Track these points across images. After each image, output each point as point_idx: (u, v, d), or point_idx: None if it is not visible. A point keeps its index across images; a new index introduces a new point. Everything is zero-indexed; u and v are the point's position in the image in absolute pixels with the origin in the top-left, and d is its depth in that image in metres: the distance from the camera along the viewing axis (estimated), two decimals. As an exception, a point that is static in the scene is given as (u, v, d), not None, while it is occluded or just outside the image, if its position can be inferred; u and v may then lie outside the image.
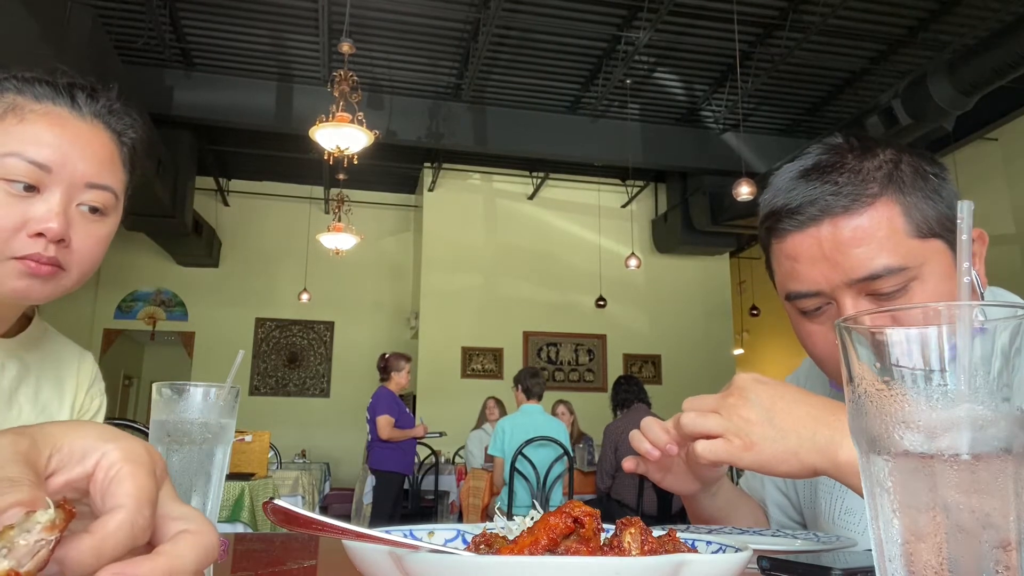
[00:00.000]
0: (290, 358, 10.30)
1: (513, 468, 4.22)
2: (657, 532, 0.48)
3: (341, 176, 8.79)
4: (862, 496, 0.69)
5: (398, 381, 5.42)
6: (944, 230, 0.80)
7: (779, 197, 0.84)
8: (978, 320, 0.30)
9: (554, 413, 6.16)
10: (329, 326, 10.45)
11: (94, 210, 0.84)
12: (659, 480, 0.85)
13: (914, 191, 0.80)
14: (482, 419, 6.45)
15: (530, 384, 4.70)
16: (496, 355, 9.58)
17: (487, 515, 4.73)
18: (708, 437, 0.72)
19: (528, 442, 4.20)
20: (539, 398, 4.70)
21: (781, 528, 1.03)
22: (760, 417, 0.70)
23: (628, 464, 0.83)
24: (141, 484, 0.32)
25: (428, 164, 9.70)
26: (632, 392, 5.03)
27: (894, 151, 0.83)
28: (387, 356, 5.55)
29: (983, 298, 0.87)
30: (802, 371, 1.09)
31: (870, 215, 0.79)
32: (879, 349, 0.32)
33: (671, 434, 0.77)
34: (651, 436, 0.78)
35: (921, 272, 0.78)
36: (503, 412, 6.16)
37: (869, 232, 0.78)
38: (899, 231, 0.78)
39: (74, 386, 1.02)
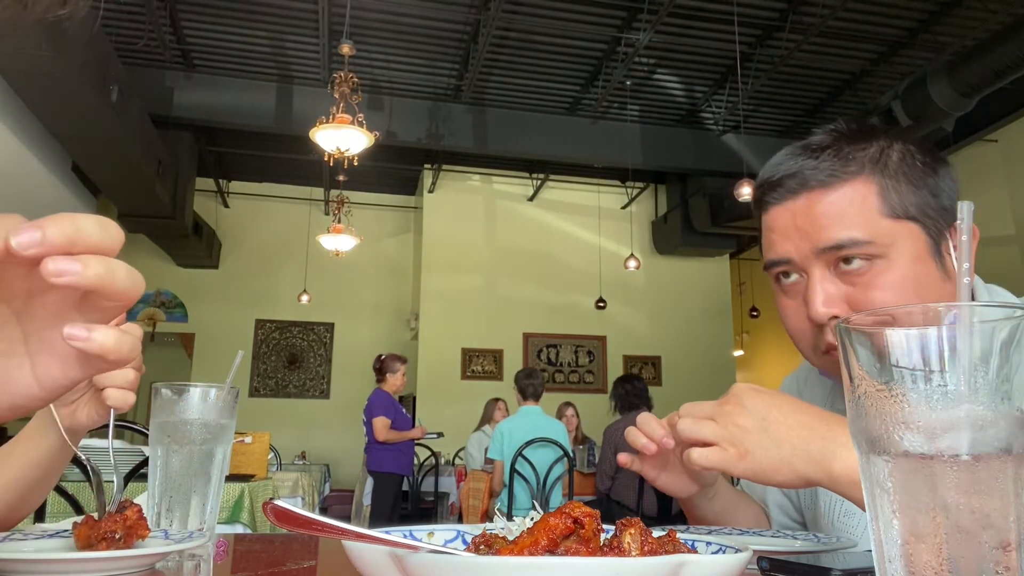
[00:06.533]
0: (290, 359, 10.29)
1: (513, 469, 4.21)
2: (657, 533, 0.48)
3: (341, 177, 8.79)
4: (857, 506, 0.69)
5: (393, 383, 5.41)
6: (923, 215, 0.81)
7: (767, 171, 0.88)
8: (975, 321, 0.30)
9: (561, 415, 6.14)
10: (329, 327, 10.44)
11: None
12: (653, 479, 0.84)
13: (897, 175, 0.82)
14: (483, 420, 6.44)
15: (525, 385, 4.67)
16: (496, 356, 9.57)
17: (487, 517, 4.72)
18: (704, 444, 0.72)
19: (528, 443, 4.19)
20: (536, 399, 4.66)
21: (781, 529, 1.03)
22: (755, 426, 0.70)
23: (623, 459, 0.84)
24: None
25: (428, 165, 9.70)
26: (636, 395, 4.94)
27: (889, 139, 0.86)
28: (383, 357, 5.55)
29: (976, 298, 0.87)
30: (801, 372, 1.09)
31: (844, 192, 0.82)
32: (879, 350, 0.32)
33: (667, 429, 0.77)
34: (647, 431, 0.79)
35: (889, 251, 0.80)
36: (507, 414, 6.15)
37: (840, 207, 0.81)
38: (871, 209, 0.81)
39: None
